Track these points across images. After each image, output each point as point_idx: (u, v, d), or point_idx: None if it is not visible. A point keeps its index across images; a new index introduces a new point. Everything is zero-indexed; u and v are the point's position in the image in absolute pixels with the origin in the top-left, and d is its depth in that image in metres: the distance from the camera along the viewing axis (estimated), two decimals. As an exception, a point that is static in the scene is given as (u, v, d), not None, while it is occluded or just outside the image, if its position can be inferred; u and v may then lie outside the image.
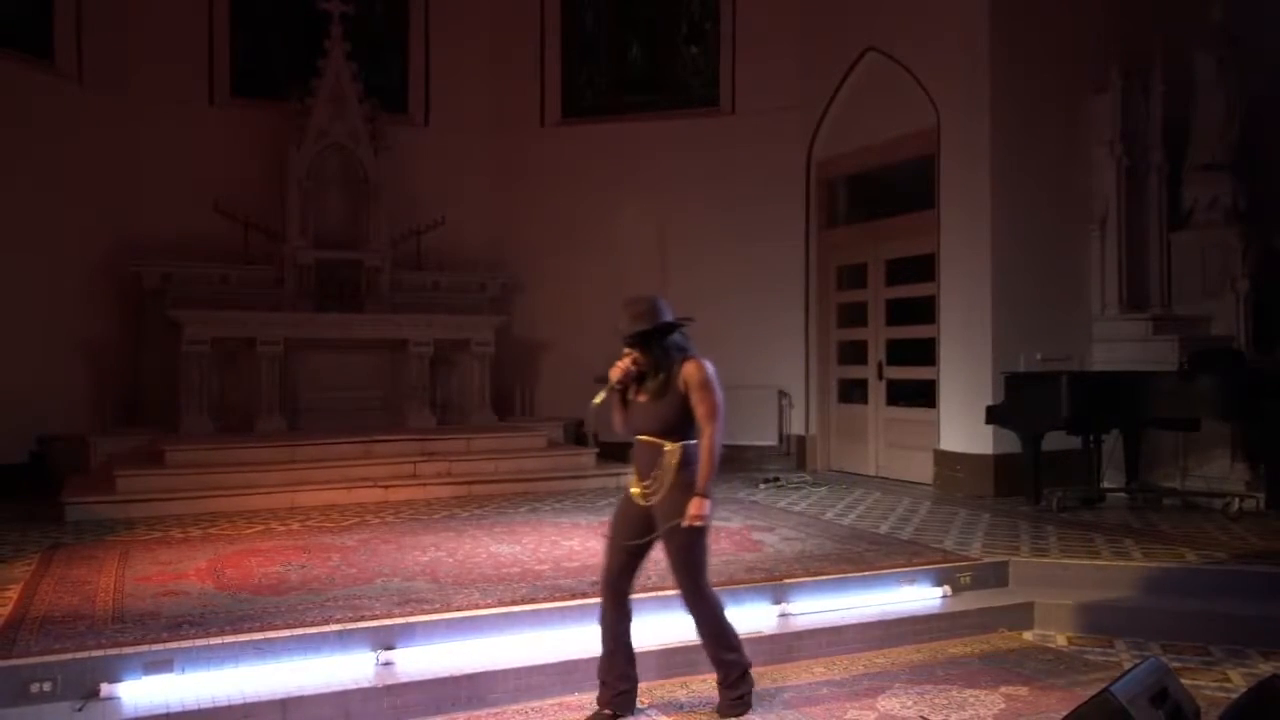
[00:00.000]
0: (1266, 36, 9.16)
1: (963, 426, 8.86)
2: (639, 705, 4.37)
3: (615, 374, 4.15)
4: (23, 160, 9.37)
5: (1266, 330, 8.75)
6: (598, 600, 5.01)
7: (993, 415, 8.22)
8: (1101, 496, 8.06)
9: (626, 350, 4.13)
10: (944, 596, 5.73)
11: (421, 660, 4.53)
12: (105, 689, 4.05)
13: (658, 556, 4.28)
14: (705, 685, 4.64)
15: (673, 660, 4.81)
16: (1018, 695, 4.52)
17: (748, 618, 5.21)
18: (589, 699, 4.41)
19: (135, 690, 4.07)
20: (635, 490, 4.15)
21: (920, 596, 5.70)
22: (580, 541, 6.57)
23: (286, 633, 4.46)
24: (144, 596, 5.13)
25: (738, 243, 11.02)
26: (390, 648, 4.55)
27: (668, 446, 4.05)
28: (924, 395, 9.57)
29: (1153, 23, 9.12)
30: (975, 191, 8.85)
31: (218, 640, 4.35)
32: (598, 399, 4.18)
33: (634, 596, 4.29)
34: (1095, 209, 9.14)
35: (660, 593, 5.21)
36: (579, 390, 11.28)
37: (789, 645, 5.10)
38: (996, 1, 8.79)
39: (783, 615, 5.34)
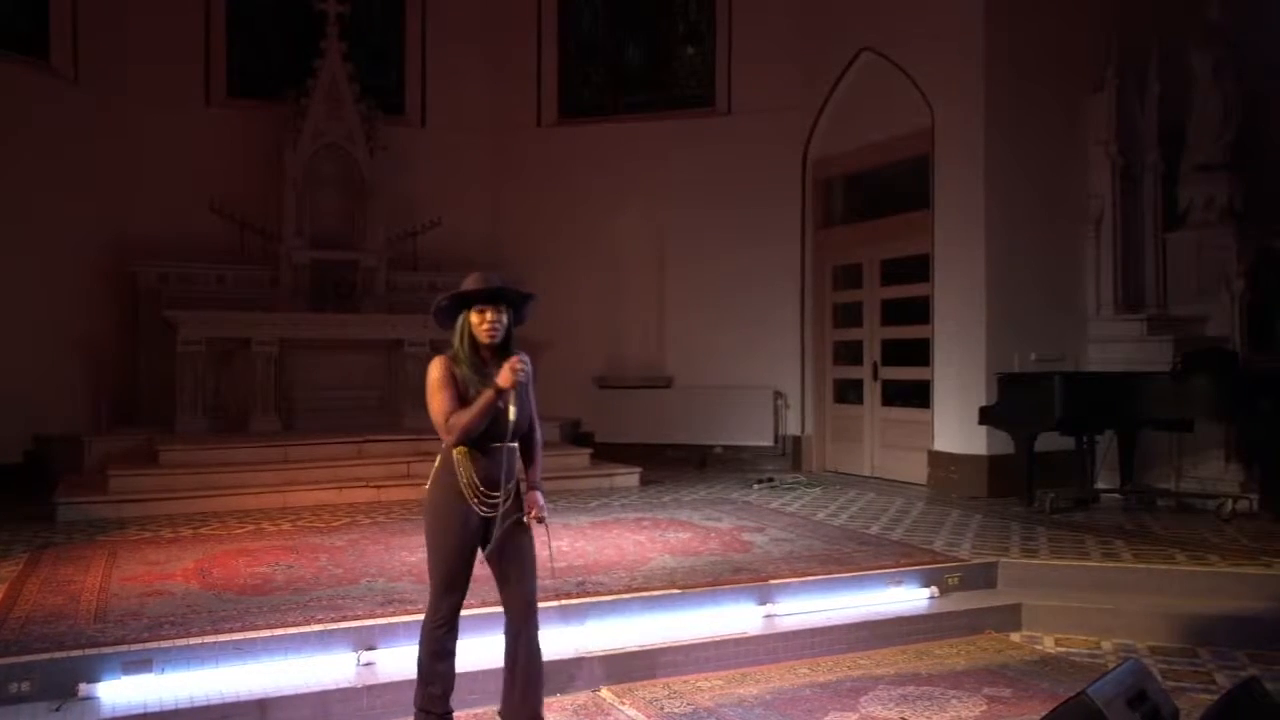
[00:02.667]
0: (1264, 36, 9.13)
1: (957, 427, 8.84)
2: (621, 706, 4.37)
3: (522, 374, 3.55)
4: (19, 161, 9.37)
5: (1262, 330, 8.71)
6: (580, 601, 5.05)
7: (986, 416, 8.21)
8: (1095, 497, 8.04)
9: (485, 312, 3.62)
10: (931, 598, 5.71)
11: (402, 661, 4.49)
12: (83, 689, 4.04)
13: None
14: (687, 685, 4.64)
15: (658, 661, 4.80)
16: (1000, 697, 4.50)
17: (733, 618, 5.22)
18: (568, 700, 4.42)
19: (113, 690, 4.06)
20: (481, 504, 3.58)
21: (907, 597, 5.67)
22: (569, 542, 6.56)
23: (267, 633, 4.45)
24: (129, 596, 5.13)
25: (734, 243, 11.01)
26: (371, 648, 4.54)
27: (518, 449, 3.69)
28: (919, 396, 9.54)
29: (1149, 22, 9.09)
30: (970, 191, 8.83)
31: (197, 640, 4.34)
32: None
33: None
34: (1091, 209, 9.12)
35: (644, 594, 5.22)
36: (576, 390, 11.42)
37: (774, 646, 5.08)
38: (992, 1, 8.78)
39: (768, 616, 5.31)
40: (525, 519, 3.69)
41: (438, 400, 3.61)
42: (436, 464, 3.72)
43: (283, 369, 10.10)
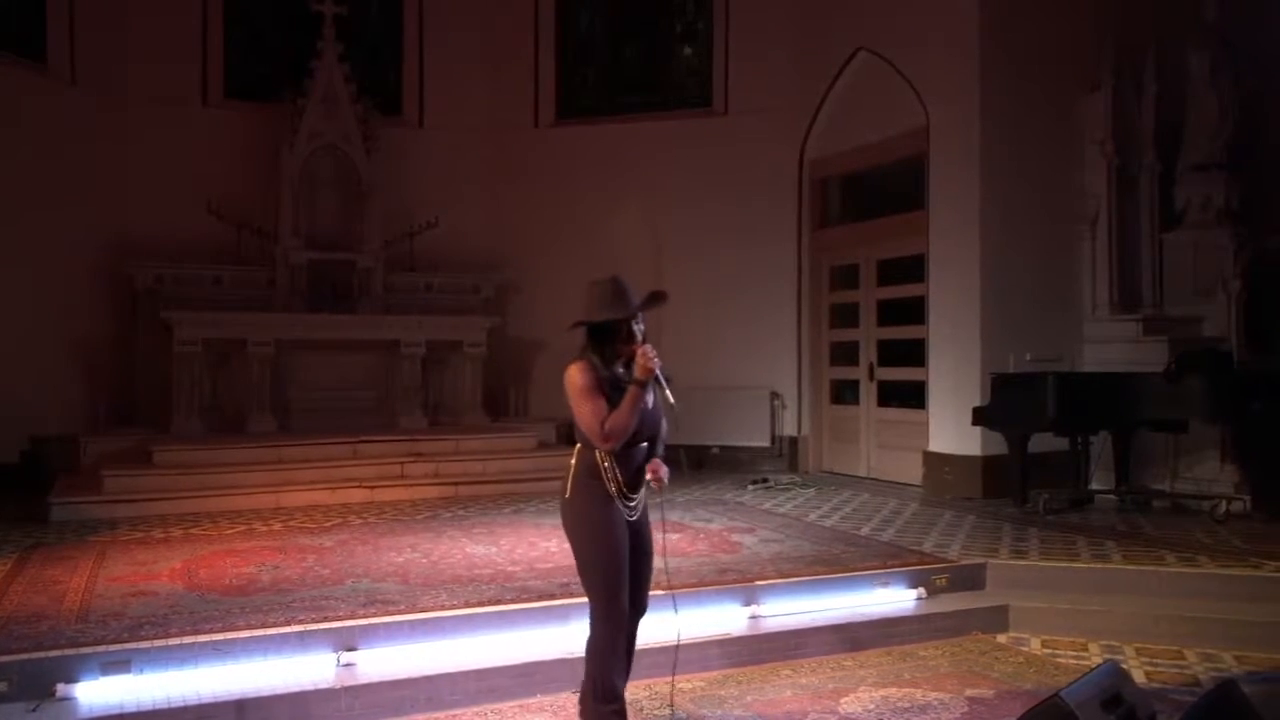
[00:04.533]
0: (1261, 35, 9.08)
1: (952, 427, 8.81)
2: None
3: (655, 361, 3.53)
4: (16, 162, 9.39)
5: (1258, 331, 8.66)
6: (564, 602, 5.03)
7: (980, 416, 8.17)
8: (1089, 498, 8.00)
9: (634, 331, 3.64)
10: (918, 599, 5.69)
11: (382, 661, 4.51)
12: (61, 689, 4.04)
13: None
14: (669, 686, 4.61)
15: (640, 662, 4.77)
16: (982, 699, 4.47)
17: (717, 619, 5.20)
18: (549, 701, 4.41)
19: (91, 691, 4.06)
20: (624, 507, 3.62)
21: (894, 599, 5.65)
22: (558, 543, 6.53)
23: (247, 633, 4.45)
24: (113, 597, 5.14)
25: (731, 243, 10.98)
26: (352, 649, 4.54)
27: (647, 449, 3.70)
28: (915, 396, 9.52)
29: (1145, 22, 9.05)
30: (965, 191, 8.80)
31: (176, 641, 4.34)
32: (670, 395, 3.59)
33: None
34: (1087, 209, 9.08)
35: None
36: (573, 390, 11.37)
37: (758, 647, 5.07)
38: (987, 1, 8.74)
39: (753, 617, 5.30)
40: (648, 479, 3.66)
41: (588, 406, 3.55)
42: (575, 471, 3.66)
43: (279, 370, 10.11)
